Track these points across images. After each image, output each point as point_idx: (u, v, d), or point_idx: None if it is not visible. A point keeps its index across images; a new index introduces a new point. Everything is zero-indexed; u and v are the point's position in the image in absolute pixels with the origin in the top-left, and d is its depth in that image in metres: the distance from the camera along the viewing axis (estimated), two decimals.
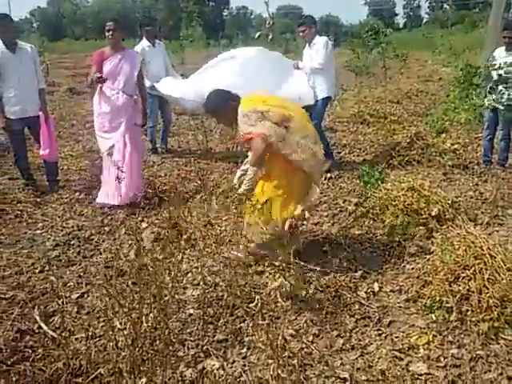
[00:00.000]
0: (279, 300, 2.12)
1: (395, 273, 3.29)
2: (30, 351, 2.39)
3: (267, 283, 3.05)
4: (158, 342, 2.00)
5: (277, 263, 3.09)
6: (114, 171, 4.48)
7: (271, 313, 2.71)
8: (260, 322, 2.00)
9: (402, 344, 2.54)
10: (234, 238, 3.54)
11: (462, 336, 2.56)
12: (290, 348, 2.41)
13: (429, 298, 2.86)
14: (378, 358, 2.44)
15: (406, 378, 2.28)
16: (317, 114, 5.39)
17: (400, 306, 2.89)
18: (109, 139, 4.60)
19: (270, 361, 2.28)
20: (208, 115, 3.14)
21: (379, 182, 4.92)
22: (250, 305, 2.54)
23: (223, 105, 3.32)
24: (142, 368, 1.90)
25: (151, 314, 2.13)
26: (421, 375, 2.31)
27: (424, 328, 2.66)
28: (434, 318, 2.72)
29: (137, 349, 1.87)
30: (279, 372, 2.11)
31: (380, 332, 2.66)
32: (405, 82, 12.66)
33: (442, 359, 2.40)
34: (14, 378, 2.29)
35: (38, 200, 4.75)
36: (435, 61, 15.12)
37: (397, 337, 2.62)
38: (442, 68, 12.96)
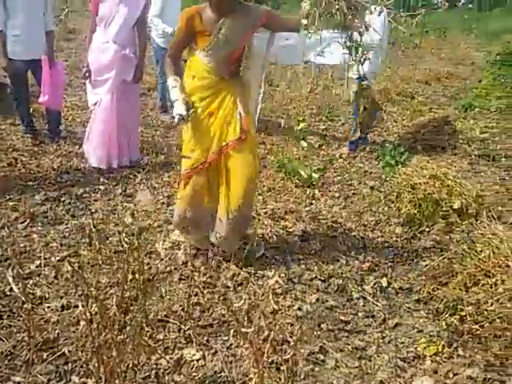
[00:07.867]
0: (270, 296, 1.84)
1: (407, 268, 2.98)
2: None
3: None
4: (130, 326, 1.74)
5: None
6: (102, 131, 4.05)
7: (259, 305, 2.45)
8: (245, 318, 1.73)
9: (407, 352, 2.26)
10: None
11: (476, 351, 2.26)
12: (276, 347, 2.14)
13: (442, 301, 2.57)
14: (379, 366, 2.17)
15: None
16: None
17: (409, 308, 2.60)
18: (95, 94, 4.10)
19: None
20: None
21: (399, 166, 4.58)
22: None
23: None
24: (105, 356, 1.65)
25: (127, 293, 1.86)
26: None
27: (433, 335, 2.37)
28: (445, 325, 2.42)
29: (102, 335, 1.62)
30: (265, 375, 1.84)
31: (384, 335, 2.38)
32: (436, 62, 12.00)
33: (450, 375, 2.11)
34: None
35: (36, 149, 4.48)
36: (469, 44, 14.33)
37: (402, 343, 2.33)
38: (476, 52, 12.25)
